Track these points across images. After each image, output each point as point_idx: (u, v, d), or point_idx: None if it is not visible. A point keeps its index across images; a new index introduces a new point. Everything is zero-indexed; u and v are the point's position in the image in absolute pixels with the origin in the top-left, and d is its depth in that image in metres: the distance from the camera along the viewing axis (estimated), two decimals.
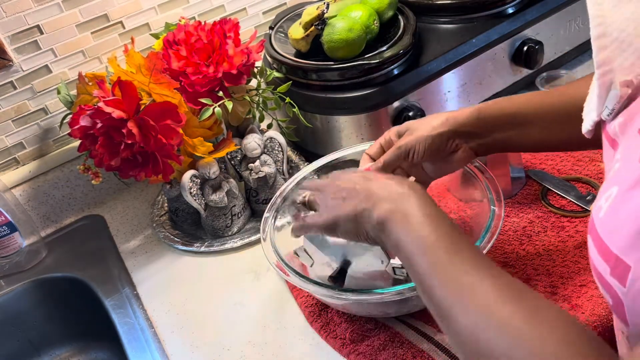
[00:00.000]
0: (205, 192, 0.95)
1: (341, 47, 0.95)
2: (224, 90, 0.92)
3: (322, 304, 0.82)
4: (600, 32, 0.50)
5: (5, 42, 0.98)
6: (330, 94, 0.97)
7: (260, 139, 0.97)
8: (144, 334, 0.86)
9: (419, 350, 0.73)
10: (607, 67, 0.49)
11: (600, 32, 0.50)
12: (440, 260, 0.54)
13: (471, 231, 0.82)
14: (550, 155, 0.96)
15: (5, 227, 0.99)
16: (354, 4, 1.01)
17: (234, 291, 0.90)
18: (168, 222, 1.05)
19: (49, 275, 1.01)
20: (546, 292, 0.76)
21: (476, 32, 1.02)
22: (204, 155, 0.93)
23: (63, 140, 1.10)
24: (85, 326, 1.03)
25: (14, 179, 1.05)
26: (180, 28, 0.93)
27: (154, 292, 0.93)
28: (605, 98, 0.50)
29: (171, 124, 0.85)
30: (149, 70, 0.88)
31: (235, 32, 0.93)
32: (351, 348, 0.76)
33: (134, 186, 1.16)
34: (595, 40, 0.49)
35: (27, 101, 1.04)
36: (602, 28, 0.50)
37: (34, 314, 1.02)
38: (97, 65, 1.08)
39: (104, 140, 0.85)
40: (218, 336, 0.84)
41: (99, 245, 1.04)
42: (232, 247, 0.97)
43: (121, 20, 1.06)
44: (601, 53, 0.49)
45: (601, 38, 0.49)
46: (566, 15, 1.10)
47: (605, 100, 0.50)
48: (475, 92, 1.06)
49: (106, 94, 0.87)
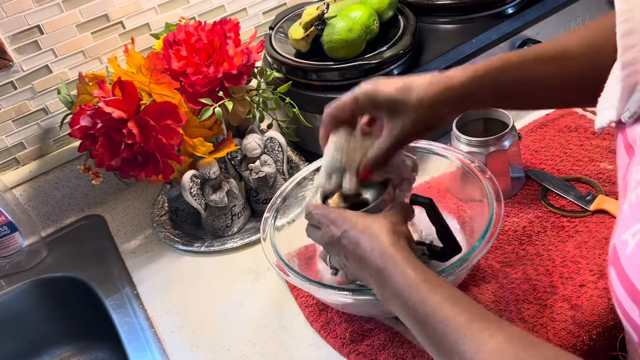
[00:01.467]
0: (205, 192, 0.95)
1: (341, 47, 0.95)
2: (224, 90, 0.92)
3: (322, 304, 0.82)
4: (628, 29, 0.46)
5: (5, 42, 0.98)
6: (330, 94, 0.97)
7: (260, 139, 0.97)
8: (144, 333, 0.86)
9: (419, 350, 0.73)
10: (634, 68, 0.46)
11: (628, 28, 0.46)
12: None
13: (471, 231, 0.82)
14: (550, 156, 0.96)
15: (5, 227, 0.99)
16: (354, 4, 1.01)
17: (234, 291, 0.90)
18: (168, 222, 1.05)
19: (49, 275, 1.01)
20: (546, 292, 0.76)
21: (476, 32, 1.02)
22: (204, 155, 0.93)
23: (63, 140, 1.10)
24: (85, 326, 1.03)
25: (15, 179, 1.05)
26: (181, 28, 0.93)
27: (154, 292, 0.94)
28: (627, 100, 0.47)
29: (171, 124, 0.85)
30: (149, 71, 0.89)
31: (235, 32, 0.94)
32: (351, 348, 0.76)
33: (134, 186, 1.16)
34: (622, 38, 0.46)
35: (27, 101, 1.04)
36: (630, 24, 0.46)
37: (34, 314, 1.02)
38: (98, 66, 1.08)
39: (104, 140, 0.85)
40: (218, 336, 0.84)
41: (99, 245, 1.04)
42: (232, 247, 0.97)
43: (121, 20, 1.06)
44: (628, 53, 0.46)
45: (629, 35, 0.46)
46: (566, 15, 1.10)
47: (628, 102, 0.47)
48: None
49: (106, 94, 0.87)
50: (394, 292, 0.58)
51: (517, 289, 0.77)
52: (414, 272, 0.57)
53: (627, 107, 0.47)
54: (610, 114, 0.50)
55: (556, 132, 1.00)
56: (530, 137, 1.01)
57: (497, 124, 0.90)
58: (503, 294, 0.77)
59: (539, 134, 1.01)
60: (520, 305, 0.75)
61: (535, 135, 1.01)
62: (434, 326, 0.53)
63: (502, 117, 0.90)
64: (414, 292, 0.56)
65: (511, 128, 0.87)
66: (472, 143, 0.87)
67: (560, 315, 0.73)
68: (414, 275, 0.57)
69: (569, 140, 0.98)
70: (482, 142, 0.86)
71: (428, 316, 0.54)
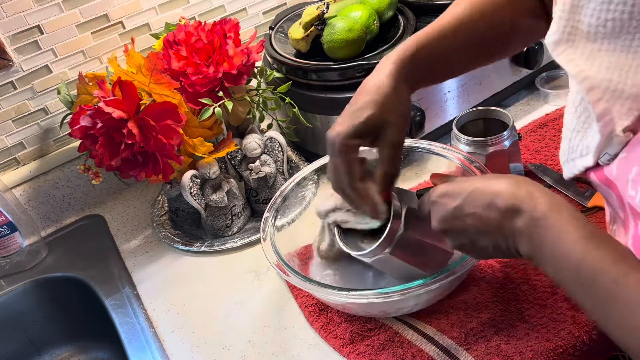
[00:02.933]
0: (205, 192, 0.95)
1: (341, 47, 0.95)
2: (224, 90, 0.92)
3: (322, 304, 0.82)
4: (589, 86, 0.51)
5: (5, 42, 0.98)
6: (330, 94, 0.97)
7: (260, 139, 0.97)
8: (144, 333, 0.86)
9: (419, 350, 0.73)
10: (608, 117, 0.51)
11: (589, 85, 0.52)
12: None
13: None
14: (550, 156, 0.96)
15: (5, 227, 0.99)
16: (354, 4, 1.01)
17: (234, 291, 0.90)
18: (168, 222, 1.05)
19: (49, 275, 1.01)
20: (546, 292, 0.76)
21: None
22: (204, 155, 0.93)
23: (63, 140, 1.10)
24: (86, 326, 1.03)
25: (15, 179, 1.05)
26: (181, 28, 0.93)
27: (154, 292, 0.94)
28: (606, 145, 0.52)
29: (171, 124, 0.85)
30: (149, 71, 0.89)
31: (235, 32, 0.94)
32: (351, 348, 0.76)
33: (134, 186, 1.16)
34: (588, 95, 0.51)
35: (27, 101, 1.04)
36: (589, 82, 0.52)
37: (34, 314, 1.02)
38: (98, 65, 1.08)
39: (104, 140, 0.85)
40: (218, 336, 0.84)
41: (99, 245, 1.04)
42: (232, 247, 0.97)
43: (121, 20, 1.06)
44: (598, 105, 0.51)
45: (593, 90, 0.51)
46: None
47: (606, 148, 0.52)
48: (475, 92, 1.06)
49: (106, 94, 0.87)
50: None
51: (517, 289, 0.77)
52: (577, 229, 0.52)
53: (606, 152, 0.53)
54: (584, 161, 0.56)
55: (556, 132, 1.00)
56: (530, 137, 1.01)
57: (497, 124, 0.90)
58: (503, 294, 0.77)
59: (539, 134, 1.01)
60: (520, 305, 0.75)
61: (535, 135, 1.01)
62: (604, 285, 0.48)
63: (502, 117, 0.90)
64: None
65: (511, 128, 0.87)
66: (472, 143, 0.87)
67: (560, 315, 0.73)
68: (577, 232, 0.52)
69: None
70: (482, 142, 0.86)
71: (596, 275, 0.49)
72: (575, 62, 0.53)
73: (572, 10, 0.53)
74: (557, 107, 1.07)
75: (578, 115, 0.56)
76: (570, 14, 0.54)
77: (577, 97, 0.56)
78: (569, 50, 0.54)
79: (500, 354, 0.70)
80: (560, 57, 0.55)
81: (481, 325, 0.74)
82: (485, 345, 0.71)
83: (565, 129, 0.61)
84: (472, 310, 0.76)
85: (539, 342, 0.70)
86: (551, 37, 0.56)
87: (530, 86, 1.14)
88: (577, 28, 0.53)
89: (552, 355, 0.69)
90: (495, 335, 0.72)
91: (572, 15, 0.53)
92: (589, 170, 0.57)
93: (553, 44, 0.56)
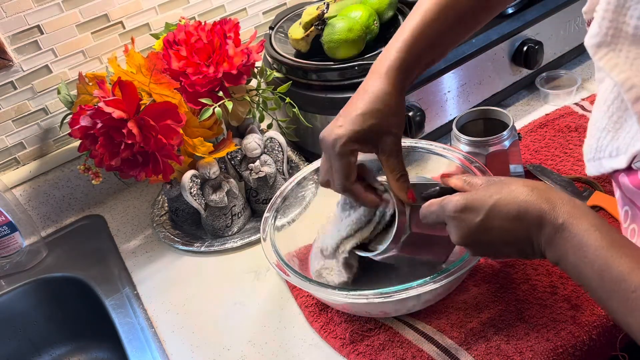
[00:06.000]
0: (205, 192, 0.95)
1: (341, 47, 0.95)
2: (224, 90, 0.92)
3: (322, 304, 0.82)
4: (636, 96, 0.49)
5: (5, 42, 0.98)
6: (330, 94, 0.97)
7: (260, 139, 0.97)
8: (144, 333, 0.86)
9: (419, 350, 0.73)
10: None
11: (635, 95, 0.49)
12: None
13: None
14: (550, 156, 0.96)
15: (5, 227, 0.99)
16: (354, 4, 1.01)
17: (234, 291, 0.90)
18: (168, 222, 1.05)
19: (49, 275, 1.01)
20: (546, 292, 0.76)
21: (476, 32, 1.02)
22: (204, 155, 0.93)
23: (63, 140, 1.10)
24: (85, 326, 1.03)
25: (14, 179, 1.05)
26: (181, 28, 0.93)
27: (154, 292, 0.94)
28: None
29: (171, 124, 0.85)
30: (149, 71, 0.89)
31: (235, 32, 0.94)
32: (351, 348, 0.76)
33: (134, 186, 1.16)
34: (634, 105, 0.49)
35: (27, 101, 1.04)
36: (635, 91, 0.49)
37: (34, 314, 1.02)
38: (98, 66, 1.08)
39: (104, 140, 0.85)
40: (218, 336, 0.84)
41: (99, 245, 1.04)
42: (232, 247, 0.97)
43: (121, 20, 1.06)
44: (637, 105, 0.49)
45: (638, 102, 0.49)
46: (566, 15, 1.10)
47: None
48: (475, 92, 1.06)
49: (106, 94, 0.87)
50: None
51: (517, 289, 0.77)
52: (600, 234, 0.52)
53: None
54: (614, 163, 0.54)
55: (556, 132, 1.00)
56: (530, 137, 1.01)
57: (497, 124, 0.90)
58: (503, 294, 0.77)
59: (539, 134, 1.01)
60: (520, 305, 0.75)
61: (535, 135, 1.01)
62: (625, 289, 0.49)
63: (502, 117, 0.90)
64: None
65: (511, 128, 0.87)
66: (472, 143, 0.87)
67: (560, 315, 0.73)
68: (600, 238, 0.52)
69: (569, 140, 0.98)
70: (482, 142, 0.86)
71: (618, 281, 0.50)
72: (619, 67, 0.51)
73: (616, 10, 0.51)
74: (557, 107, 1.07)
75: (610, 115, 0.54)
76: (615, 14, 0.51)
77: (610, 95, 0.54)
78: (611, 54, 0.52)
79: (500, 354, 0.70)
80: (602, 61, 0.52)
81: (481, 325, 0.74)
82: (485, 345, 0.71)
83: (592, 127, 0.58)
84: (472, 310, 0.76)
85: (539, 342, 0.70)
86: (592, 40, 0.53)
87: (530, 86, 1.14)
88: (621, 30, 0.51)
89: (552, 355, 0.69)
90: (495, 335, 0.72)
91: (617, 16, 0.51)
92: (617, 172, 0.56)
93: (594, 47, 0.53)
